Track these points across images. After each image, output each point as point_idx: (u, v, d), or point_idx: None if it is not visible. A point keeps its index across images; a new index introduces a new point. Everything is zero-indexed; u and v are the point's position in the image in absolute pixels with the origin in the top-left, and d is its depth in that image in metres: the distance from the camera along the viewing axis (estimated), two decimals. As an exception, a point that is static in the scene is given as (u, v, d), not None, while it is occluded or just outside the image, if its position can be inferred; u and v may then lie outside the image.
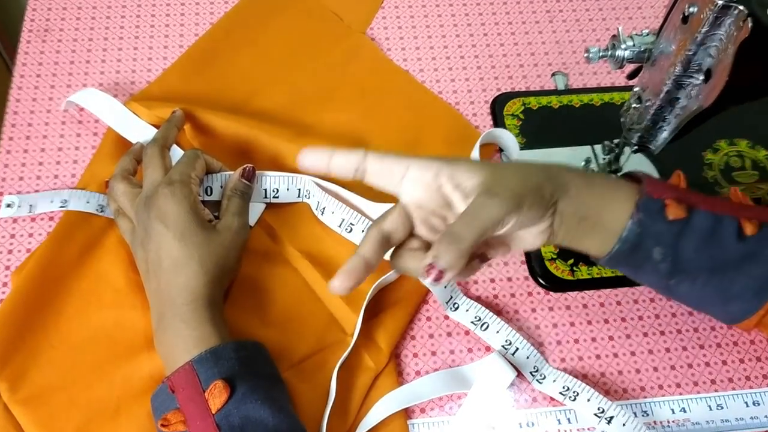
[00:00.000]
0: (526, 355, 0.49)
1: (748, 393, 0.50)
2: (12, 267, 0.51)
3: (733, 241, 0.41)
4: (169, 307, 0.43)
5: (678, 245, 0.41)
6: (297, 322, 0.50)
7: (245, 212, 0.49)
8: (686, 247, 0.41)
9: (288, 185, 0.53)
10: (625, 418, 0.47)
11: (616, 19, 0.68)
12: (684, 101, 0.44)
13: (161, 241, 0.44)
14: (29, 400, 0.45)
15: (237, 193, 0.49)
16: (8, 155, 0.56)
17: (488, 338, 0.50)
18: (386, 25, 0.66)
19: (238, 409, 0.39)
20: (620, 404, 0.48)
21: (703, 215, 0.41)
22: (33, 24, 0.64)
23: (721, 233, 0.41)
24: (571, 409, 0.49)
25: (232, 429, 0.39)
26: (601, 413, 0.47)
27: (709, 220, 0.41)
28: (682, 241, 0.41)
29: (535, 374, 0.49)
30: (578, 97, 0.62)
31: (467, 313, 0.50)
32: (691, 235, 0.41)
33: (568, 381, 0.48)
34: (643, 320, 0.52)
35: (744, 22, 0.36)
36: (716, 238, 0.41)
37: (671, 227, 0.41)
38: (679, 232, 0.41)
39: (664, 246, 0.42)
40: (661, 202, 0.41)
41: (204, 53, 0.63)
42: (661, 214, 0.41)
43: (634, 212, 0.41)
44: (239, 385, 0.40)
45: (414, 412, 0.48)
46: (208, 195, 0.50)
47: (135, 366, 0.47)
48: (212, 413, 0.39)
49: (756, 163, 0.59)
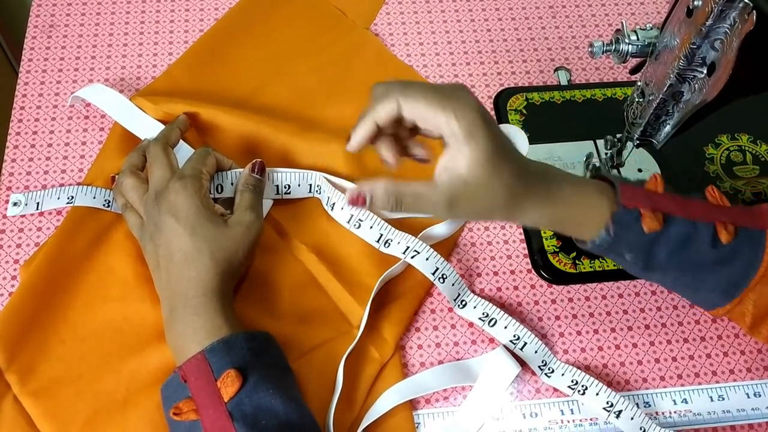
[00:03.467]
0: (534, 350, 0.49)
1: (749, 384, 0.50)
2: (21, 260, 0.51)
3: (707, 248, 0.42)
4: (181, 300, 0.44)
5: (651, 251, 0.42)
6: (303, 314, 0.50)
7: (257, 207, 0.49)
8: (659, 252, 0.42)
9: (299, 181, 0.53)
10: (633, 413, 0.47)
11: (619, 14, 0.69)
12: (687, 95, 0.44)
13: (172, 234, 0.45)
14: (39, 392, 0.46)
15: (249, 187, 0.50)
16: (15, 150, 0.56)
17: (496, 334, 0.50)
18: (390, 20, 0.67)
19: (250, 398, 0.40)
20: (626, 396, 0.49)
21: (679, 223, 0.42)
22: (38, 20, 0.64)
23: (695, 240, 0.42)
24: (574, 400, 0.49)
25: (244, 417, 0.39)
26: (609, 407, 0.48)
27: (686, 227, 0.42)
28: (655, 248, 0.42)
29: (544, 368, 0.49)
30: (581, 93, 0.63)
31: (475, 309, 0.51)
32: (666, 243, 0.42)
33: (577, 375, 0.49)
34: (645, 312, 0.53)
35: (749, 14, 0.36)
36: (690, 244, 0.42)
37: (646, 236, 0.42)
38: (653, 240, 0.42)
39: (636, 252, 0.43)
40: (636, 212, 0.42)
41: (209, 48, 0.63)
42: (636, 224, 0.42)
43: (609, 224, 0.42)
44: (251, 375, 0.41)
45: (419, 403, 0.48)
46: (218, 192, 0.50)
47: (143, 358, 0.47)
48: (224, 402, 0.39)
49: (757, 157, 0.60)
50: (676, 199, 0.42)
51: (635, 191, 0.42)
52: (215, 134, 0.57)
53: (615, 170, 0.56)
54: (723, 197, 0.44)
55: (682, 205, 0.42)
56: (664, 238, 0.42)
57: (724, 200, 0.44)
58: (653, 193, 0.42)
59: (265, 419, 0.39)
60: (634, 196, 0.42)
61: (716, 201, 0.43)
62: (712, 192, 0.44)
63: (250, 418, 0.39)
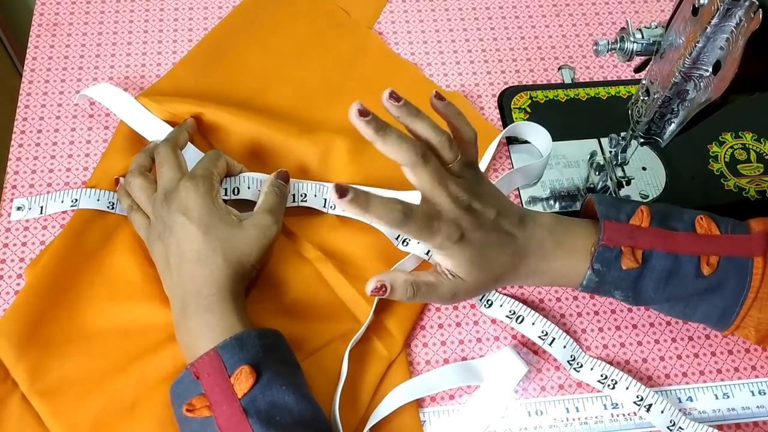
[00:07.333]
0: (562, 345, 0.49)
1: (753, 382, 0.50)
2: (26, 259, 0.51)
3: (692, 279, 0.43)
4: (193, 298, 0.44)
5: (637, 287, 0.44)
6: (311, 313, 0.50)
7: (278, 211, 0.49)
8: (645, 288, 0.44)
9: (315, 192, 0.53)
10: (663, 406, 0.47)
11: (623, 12, 0.69)
12: (693, 93, 0.44)
13: (184, 233, 0.45)
14: (47, 392, 0.46)
15: (274, 190, 0.49)
16: (20, 149, 0.57)
17: (525, 330, 0.50)
18: (394, 20, 0.67)
19: (263, 394, 0.40)
20: (658, 391, 0.49)
21: (660, 257, 0.43)
22: (42, 18, 0.64)
23: (678, 272, 0.43)
24: (579, 398, 0.49)
25: (258, 413, 0.39)
26: (639, 401, 0.48)
27: (667, 262, 0.43)
28: (640, 283, 0.44)
29: (572, 363, 0.49)
30: (585, 91, 0.63)
31: (501, 308, 0.51)
32: (650, 277, 0.44)
33: (606, 369, 0.49)
34: (650, 311, 0.53)
35: (755, 13, 0.36)
36: (674, 277, 0.44)
37: (628, 274, 0.43)
38: (637, 276, 0.44)
39: (624, 290, 0.45)
40: (618, 250, 0.43)
41: (212, 49, 0.63)
42: (618, 262, 0.43)
43: (591, 263, 0.44)
44: (264, 371, 0.41)
45: (425, 401, 0.48)
46: (235, 194, 0.50)
47: (151, 358, 0.47)
48: (238, 398, 0.39)
49: (761, 155, 0.60)
50: (660, 233, 0.44)
51: (618, 228, 0.44)
52: (219, 135, 0.57)
53: (619, 168, 0.57)
54: (711, 225, 0.44)
55: (665, 240, 0.44)
56: (648, 273, 0.43)
57: (713, 229, 0.44)
58: (636, 229, 0.44)
59: (279, 415, 0.39)
60: (616, 233, 0.44)
61: (705, 231, 0.44)
62: (701, 221, 0.45)
63: (264, 414, 0.39)
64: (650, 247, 0.43)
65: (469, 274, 0.42)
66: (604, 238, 0.43)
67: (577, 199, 0.57)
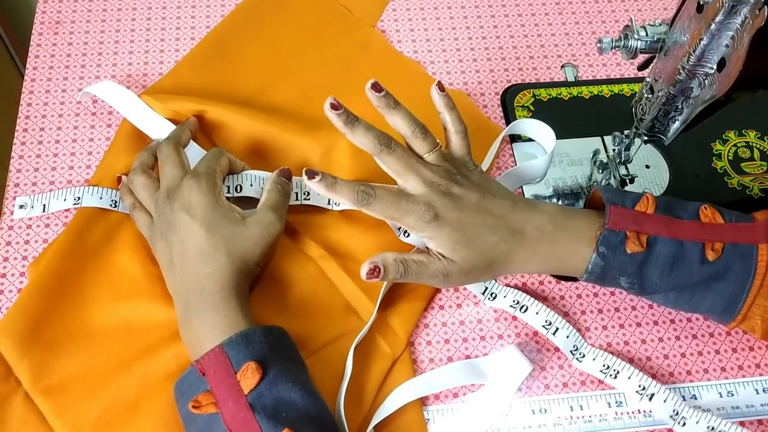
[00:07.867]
0: (566, 335, 0.50)
1: (758, 380, 0.50)
2: (29, 257, 0.51)
3: (697, 266, 0.43)
4: (197, 296, 0.44)
5: (642, 273, 0.44)
6: (314, 311, 0.50)
7: (281, 209, 0.49)
8: (650, 274, 0.44)
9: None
10: (665, 395, 0.47)
11: (626, 10, 0.68)
12: (697, 91, 0.44)
13: (187, 231, 0.45)
14: (50, 390, 0.46)
15: (276, 187, 0.49)
16: (23, 147, 0.57)
17: (528, 320, 0.51)
18: (396, 18, 0.67)
19: (269, 390, 0.40)
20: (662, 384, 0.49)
21: (665, 243, 0.43)
22: (44, 17, 0.64)
23: (683, 259, 0.43)
24: (583, 396, 0.49)
25: (264, 409, 0.39)
26: (642, 390, 0.48)
27: (672, 247, 0.43)
28: (645, 269, 0.44)
29: (575, 353, 0.50)
30: (588, 89, 0.63)
31: (505, 299, 0.51)
32: (655, 263, 0.43)
33: (609, 359, 0.49)
34: (654, 308, 0.53)
35: (760, 10, 0.36)
36: (679, 263, 0.43)
37: (633, 258, 0.43)
38: (642, 261, 0.43)
39: (629, 276, 0.44)
40: (623, 235, 0.43)
41: (215, 47, 0.63)
42: (623, 247, 0.43)
43: (596, 247, 0.44)
44: (270, 368, 0.41)
45: (428, 399, 0.48)
46: (237, 192, 0.50)
47: (154, 356, 0.47)
48: (245, 394, 0.39)
49: (765, 153, 0.60)
50: (665, 220, 0.44)
51: (624, 213, 0.44)
52: (222, 132, 0.57)
53: (623, 166, 0.56)
54: (716, 214, 0.45)
55: (669, 226, 0.44)
56: (653, 259, 0.43)
57: (717, 218, 0.44)
58: (641, 215, 0.44)
59: (285, 412, 0.39)
60: (622, 218, 0.44)
61: (709, 220, 0.44)
62: (705, 211, 0.45)
63: (270, 410, 0.39)
64: (655, 233, 0.43)
65: (455, 252, 0.43)
66: (609, 222, 0.43)
67: (580, 197, 0.57)
